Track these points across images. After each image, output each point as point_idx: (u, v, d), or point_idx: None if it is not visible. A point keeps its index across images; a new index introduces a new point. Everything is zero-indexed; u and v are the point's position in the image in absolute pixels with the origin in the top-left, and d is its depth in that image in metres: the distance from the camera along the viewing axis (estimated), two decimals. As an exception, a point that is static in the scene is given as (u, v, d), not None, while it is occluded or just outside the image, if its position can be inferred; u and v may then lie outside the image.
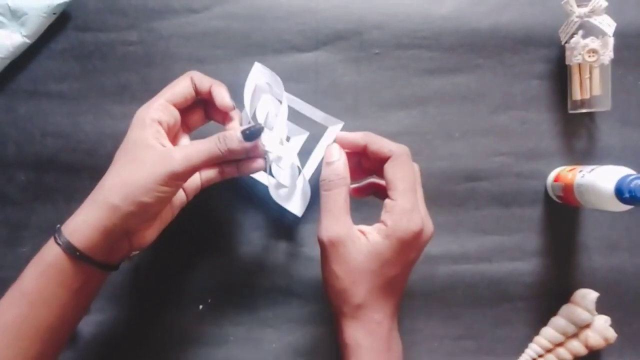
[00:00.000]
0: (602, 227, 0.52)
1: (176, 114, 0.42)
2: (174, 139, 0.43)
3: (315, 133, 0.49)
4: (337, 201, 0.39)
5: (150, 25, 0.51)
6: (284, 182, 0.46)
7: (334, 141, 0.42)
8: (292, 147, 0.49)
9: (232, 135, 0.39)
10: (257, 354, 0.52)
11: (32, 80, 0.51)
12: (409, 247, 0.38)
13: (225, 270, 0.52)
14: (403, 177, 0.39)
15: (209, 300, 0.52)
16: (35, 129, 0.51)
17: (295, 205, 0.48)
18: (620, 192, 0.41)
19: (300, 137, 0.50)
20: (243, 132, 0.39)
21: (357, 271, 0.37)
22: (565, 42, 0.50)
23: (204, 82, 0.43)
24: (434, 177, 0.52)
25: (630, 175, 0.41)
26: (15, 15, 0.49)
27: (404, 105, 0.52)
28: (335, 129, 0.47)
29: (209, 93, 0.43)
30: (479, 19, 0.51)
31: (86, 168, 0.51)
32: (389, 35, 0.51)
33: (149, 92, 0.49)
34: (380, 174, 0.41)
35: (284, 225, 0.52)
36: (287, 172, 0.47)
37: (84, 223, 0.37)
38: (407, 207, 0.38)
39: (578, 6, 0.48)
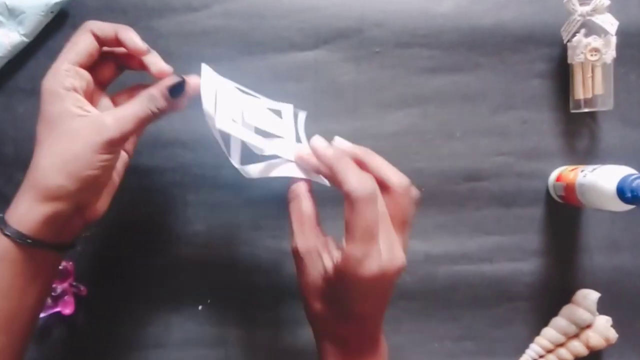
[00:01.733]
0: (604, 227, 0.52)
1: (86, 75, 0.38)
2: (92, 102, 0.39)
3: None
4: (300, 214, 0.38)
5: (150, 23, 0.51)
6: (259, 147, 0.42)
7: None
8: (287, 123, 0.44)
9: (158, 94, 0.37)
10: (256, 355, 0.52)
11: (31, 79, 0.51)
12: (362, 289, 0.35)
13: (225, 271, 0.52)
14: (358, 224, 0.33)
15: (208, 301, 0.52)
16: (34, 129, 0.51)
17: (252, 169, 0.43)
18: (622, 192, 0.41)
19: (288, 110, 0.45)
20: (169, 89, 0.38)
21: (312, 285, 0.38)
22: (567, 41, 0.49)
23: (107, 30, 0.39)
24: (434, 177, 0.52)
25: (632, 174, 0.41)
26: (13, 13, 0.49)
27: (404, 105, 0.52)
28: (289, 110, 0.45)
29: (116, 40, 0.39)
30: (480, 17, 0.51)
31: (85, 167, 0.51)
32: (389, 33, 0.51)
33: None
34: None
35: (283, 226, 0.52)
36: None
37: (30, 209, 0.36)
38: (357, 256, 0.34)
39: (580, 5, 0.48)
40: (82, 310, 0.51)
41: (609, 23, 0.48)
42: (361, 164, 0.37)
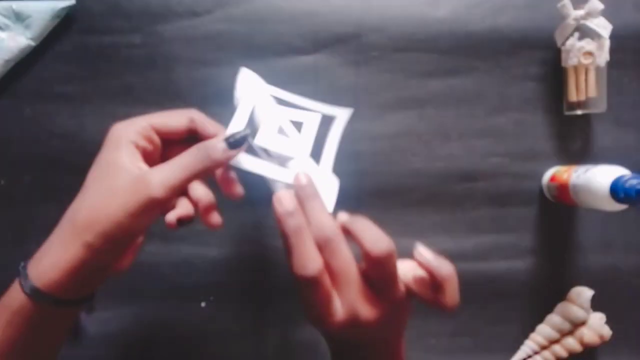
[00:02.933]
0: (597, 226, 0.53)
1: (157, 141, 0.37)
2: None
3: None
4: (298, 232, 0.33)
5: (154, 28, 0.51)
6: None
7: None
8: (305, 139, 0.41)
9: (214, 144, 0.34)
10: (258, 351, 0.52)
11: (37, 82, 0.52)
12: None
13: (228, 268, 0.52)
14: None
15: (211, 298, 0.52)
16: (41, 130, 0.52)
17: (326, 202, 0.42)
18: (615, 192, 0.42)
19: (312, 121, 0.41)
20: (226, 140, 0.34)
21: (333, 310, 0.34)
22: (561, 45, 0.50)
23: (207, 128, 0.37)
24: (431, 178, 0.52)
25: (625, 175, 0.42)
26: (19, 17, 0.50)
27: (402, 107, 0.52)
28: (344, 115, 0.43)
29: (208, 136, 0.37)
30: (476, 22, 0.52)
31: (90, 169, 0.51)
32: (387, 38, 0.52)
33: (152, 93, 0.50)
34: None
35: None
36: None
37: (53, 265, 0.33)
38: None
39: (574, 9, 0.49)
40: (87, 307, 0.52)
41: (603, 27, 0.48)
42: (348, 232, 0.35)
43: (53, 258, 0.33)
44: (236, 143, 0.35)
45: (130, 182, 0.33)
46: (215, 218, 0.39)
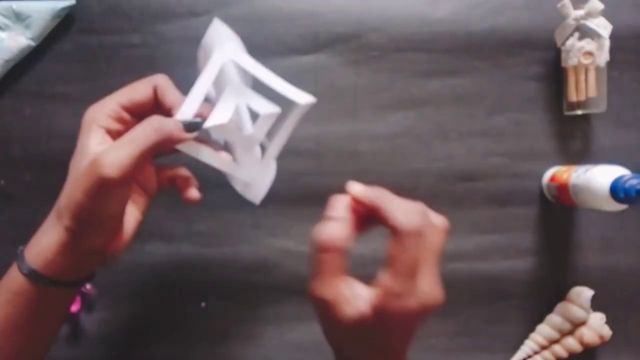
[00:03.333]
0: (597, 226, 0.53)
1: (128, 119, 0.37)
2: None
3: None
4: (331, 265, 0.32)
5: (154, 28, 0.52)
6: (245, 167, 0.41)
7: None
8: (260, 126, 0.39)
9: (169, 120, 0.34)
10: (258, 351, 0.52)
11: (38, 82, 0.52)
12: (397, 327, 0.33)
13: (228, 268, 0.52)
14: (401, 258, 0.31)
15: (211, 298, 0.52)
16: (41, 130, 0.52)
17: (255, 193, 0.43)
18: (615, 192, 0.42)
19: (270, 115, 0.39)
20: (184, 122, 0.35)
21: (343, 331, 0.33)
22: (561, 45, 0.50)
23: (167, 97, 0.37)
24: (430, 178, 0.52)
25: (625, 175, 0.42)
26: (19, 17, 0.50)
27: (402, 107, 0.52)
28: (305, 102, 0.40)
29: (170, 110, 0.37)
30: (476, 22, 0.52)
31: (90, 168, 0.51)
32: (387, 38, 0.52)
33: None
34: None
35: (283, 225, 0.53)
36: (247, 156, 0.40)
37: (46, 247, 0.35)
38: (398, 291, 0.31)
39: (574, 9, 0.49)
40: (87, 307, 0.52)
41: (603, 27, 0.48)
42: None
43: (43, 242, 0.35)
44: (192, 127, 0.35)
45: (87, 164, 0.33)
46: (194, 193, 0.39)
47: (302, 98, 0.40)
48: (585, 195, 0.45)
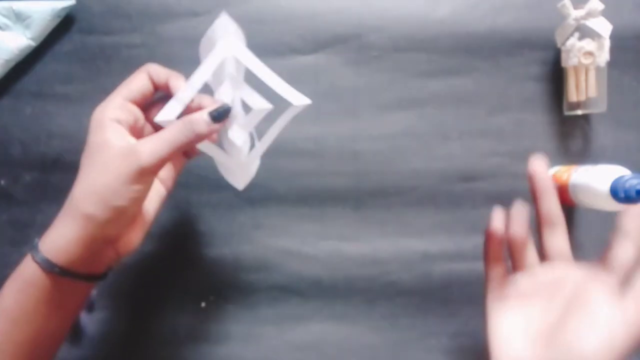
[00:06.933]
0: (597, 226, 0.52)
1: (136, 111, 0.39)
2: (139, 137, 0.39)
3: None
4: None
5: (154, 28, 0.52)
6: (232, 156, 0.42)
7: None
8: (250, 119, 0.40)
9: (198, 118, 0.36)
10: (258, 351, 0.52)
11: (38, 82, 0.52)
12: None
13: (227, 268, 0.53)
14: None
15: (211, 298, 0.53)
16: (41, 130, 0.52)
17: (239, 180, 0.45)
18: (615, 192, 0.42)
19: (262, 110, 0.40)
20: (211, 114, 0.37)
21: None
22: (562, 45, 0.50)
23: (161, 75, 0.40)
24: (431, 178, 0.52)
25: (626, 175, 0.42)
26: (20, 18, 0.50)
27: (402, 107, 0.52)
28: (299, 103, 0.40)
29: (167, 86, 0.40)
30: (476, 23, 0.52)
31: (90, 168, 0.51)
32: (387, 38, 0.52)
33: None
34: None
35: (283, 225, 0.53)
36: (234, 146, 0.41)
37: (61, 237, 0.36)
38: None
39: (574, 9, 0.49)
40: (87, 307, 0.52)
41: (603, 27, 0.48)
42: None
43: (58, 232, 0.36)
44: (219, 116, 0.37)
45: (122, 154, 0.35)
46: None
47: (298, 99, 0.41)
48: (585, 195, 0.45)
